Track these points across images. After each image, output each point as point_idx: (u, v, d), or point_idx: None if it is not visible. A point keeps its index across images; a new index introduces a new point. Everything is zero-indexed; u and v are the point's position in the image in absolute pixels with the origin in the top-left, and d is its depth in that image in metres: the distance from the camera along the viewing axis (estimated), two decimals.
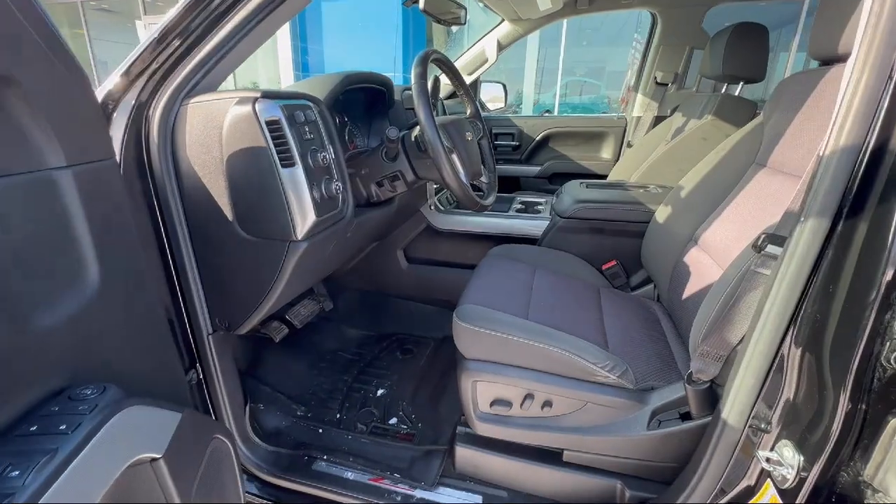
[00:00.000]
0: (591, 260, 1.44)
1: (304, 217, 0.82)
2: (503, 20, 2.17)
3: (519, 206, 1.69)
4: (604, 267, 1.42)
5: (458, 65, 2.33)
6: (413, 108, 0.97)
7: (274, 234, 0.84)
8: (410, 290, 1.71)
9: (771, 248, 0.70)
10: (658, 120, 2.23)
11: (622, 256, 1.43)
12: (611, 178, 2.24)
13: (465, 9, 1.64)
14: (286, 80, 7.90)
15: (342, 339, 1.64)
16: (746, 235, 0.97)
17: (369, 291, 1.76)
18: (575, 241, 1.46)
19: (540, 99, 9.56)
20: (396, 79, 2.46)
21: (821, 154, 0.59)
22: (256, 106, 0.77)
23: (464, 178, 1.07)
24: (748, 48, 1.63)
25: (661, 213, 1.29)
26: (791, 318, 0.63)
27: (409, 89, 1.23)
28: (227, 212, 0.85)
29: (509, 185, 2.59)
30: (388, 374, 1.46)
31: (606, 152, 2.47)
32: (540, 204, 1.70)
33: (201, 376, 1.01)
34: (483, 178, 1.25)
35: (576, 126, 2.48)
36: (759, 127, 1.12)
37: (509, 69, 9.75)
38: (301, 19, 7.79)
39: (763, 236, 0.71)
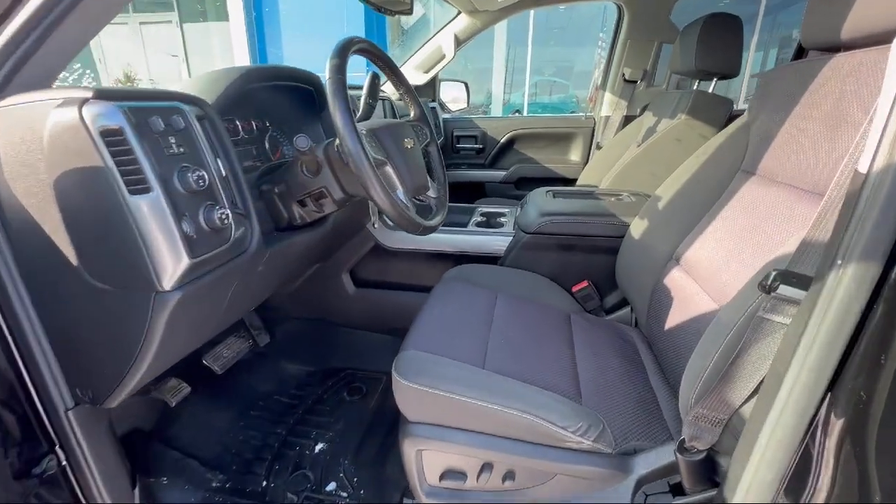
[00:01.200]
0: (560, 280, 1.27)
1: (171, 260, 0.60)
2: (460, 13, 1.98)
3: (480, 218, 1.51)
4: (574, 288, 1.25)
5: (413, 63, 2.14)
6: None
7: (132, 283, 0.62)
8: (359, 317, 1.50)
9: (786, 290, 0.53)
10: (628, 120, 2.09)
11: (594, 276, 1.26)
12: (581, 181, 2.09)
13: None
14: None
15: (280, 378, 1.41)
16: (739, 258, 0.81)
17: (313, 320, 1.54)
18: (541, 260, 1.29)
19: (510, 99, 9.54)
20: (361, 79, 2.25)
21: (864, 170, 0.42)
22: (85, 110, 0.54)
23: (400, 197, 0.87)
24: (721, 41, 1.50)
25: (637, 228, 1.13)
26: (823, 394, 0.46)
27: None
28: (69, 254, 0.62)
29: (474, 191, 2.41)
30: (331, 423, 1.24)
31: (575, 154, 2.32)
32: (503, 216, 1.52)
33: (64, 461, 0.78)
34: (431, 193, 1.06)
35: (542, 127, 2.33)
36: (743, 128, 0.97)
37: (478, 69, 9.72)
38: (258, 17, 7.42)
39: (774, 274, 0.54)
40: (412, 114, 1.10)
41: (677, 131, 1.51)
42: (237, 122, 1.00)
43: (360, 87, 1.22)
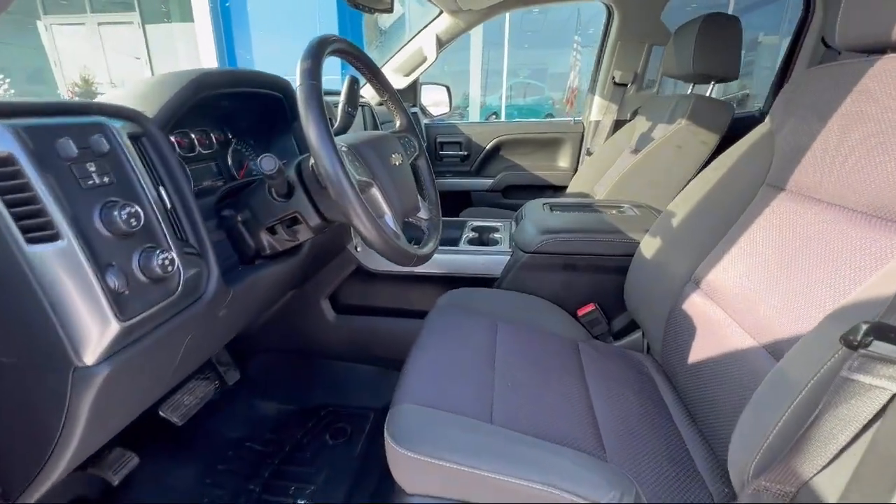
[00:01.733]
0: (564, 303, 1.16)
1: (93, 327, 0.46)
2: (442, 12, 1.86)
3: (471, 234, 1.38)
4: (580, 312, 1.14)
5: (392, 65, 2.00)
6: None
7: (41, 359, 0.47)
8: (341, 347, 1.35)
9: (882, 348, 0.43)
10: (618, 124, 2.01)
11: (601, 298, 1.16)
12: (572, 189, 2.00)
13: None
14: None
15: (252, 421, 1.25)
16: (780, 289, 0.71)
17: (289, 351, 1.38)
18: (543, 281, 1.17)
19: (486, 101, 9.54)
20: (336, 83, 2.10)
21: None
22: None
23: (389, 224, 0.74)
24: (721, 42, 1.43)
25: (649, 246, 1.02)
26: None
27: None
28: None
29: (459, 200, 2.29)
30: (312, 474, 1.09)
31: (564, 161, 2.23)
32: (496, 230, 1.40)
33: None
34: (422, 214, 0.93)
35: (529, 132, 2.22)
36: (765, 138, 0.88)
37: (454, 71, 9.71)
38: (225, 18, 7.13)
39: (865, 327, 0.44)
40: (398, 123, 0.97)
41: (678, 138, 1.43)
42: (192, 136, 0.84)
43: (338, 93, 1.09)
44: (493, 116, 9.48)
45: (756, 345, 0.71)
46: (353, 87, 0.99)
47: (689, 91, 1.68)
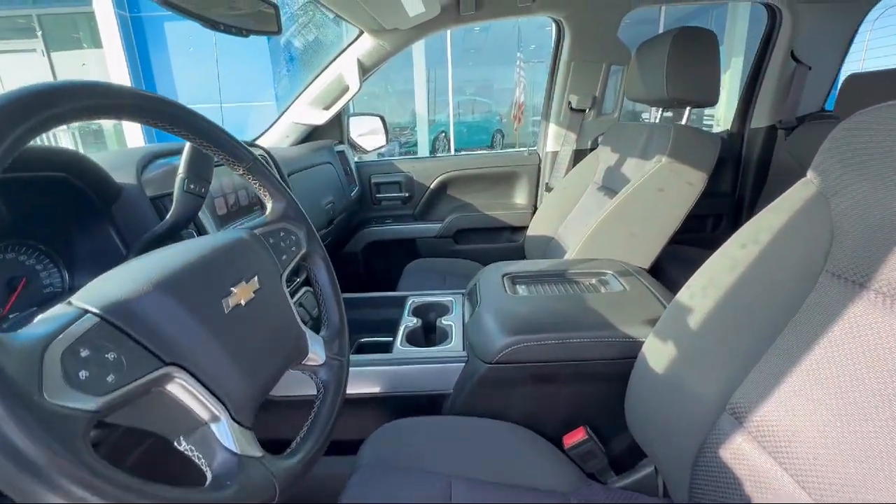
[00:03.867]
0: (543, 428, 0.83)
1: None
2: (362, 33, 1.53)
3: (412, 321, 1.04)
4: (566, 442, 0.81)
5: (306, 98, 1.64)
6: None
7: None
8: None
9: None
10: (578, 154, 1.75)
11: (592, 417, 0.84)
12: (532, 230, 1.70)
13: (276, 7, 0.95)
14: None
15: None
16: (866, 435, 0.41)
17: None
18: (511, 399, 0.84)
19: (435, 119, 9.45)
20: (269, 110, 1.70)
21: None
22: None
23: (217, 442, 0.38)
24: (697, 61, 1.18)
25: (657, 351, 0.72)
26: None
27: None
28: None
29: (403, 250, 1.95)
30: None
31: (521, 197, 1.95)
32: (445, 311, 1.07)
33: None
34: (313, 357, 0.57)
35: (480, 167, 1.92)
36: (817, 204, 0.60)
37: (399, 91, 9.57)
38: (140, 43, 6.48)
39: None
40: (268, 209, 0.61)
41: (659, 179, 1.16)
42: None
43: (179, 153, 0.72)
44: (443, 134, 9.32)
45: None
46: (198, 157, 0.62)
47: (653, 117, 1.44)
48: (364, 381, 0.89)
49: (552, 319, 0.84)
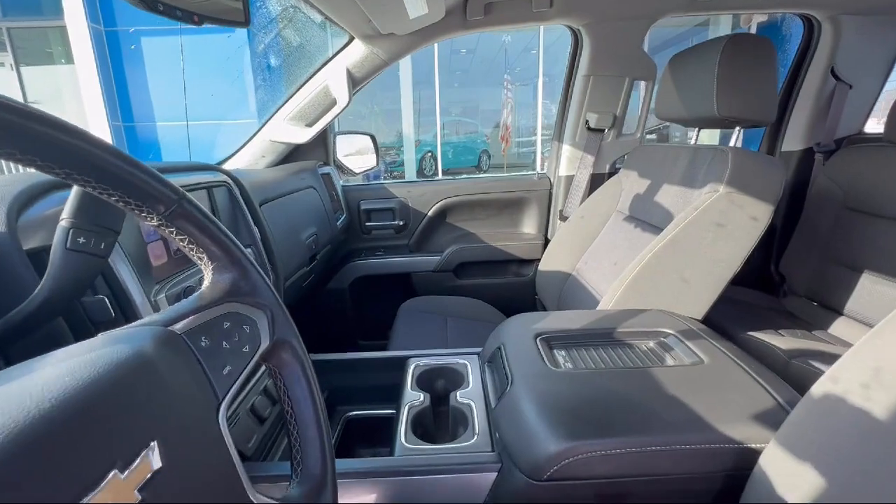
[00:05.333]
0: None
1: None
2: (352, 39, 1.32)
3: (415, 397, 0.79)
4: None
5: (286, 112, 1.41)
6: None
7: None
8: None
9: None
10: (595, 179, 1.56)
11: None
12: (547, 265, 1.48)
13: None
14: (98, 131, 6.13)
15: None
16: None
17: None
18: None
19: (421, 139, 9.40)
20: (251, 128, 1.46)
21: None
22: None
23: None
24: (754, 74, 1.00)
25: (783, 465, 0.49)
26: None
27: None
28: None
29: (398, 286, 1.70)
30: None
31: (530, 226, 1.73)
32: (461, 381, 0.83)
33: None
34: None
35: (483, 192, 1.71)
36: None
37: (385, 110, 9.49)
38: (115, 57, 6.19)
39: None
40: (206, 282, 0.36)
41: (717, 212, 0.95)
42: None
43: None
44: (429, 154, 9.20)
45: None
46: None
47: (695, 138, 1.26)
48: (359, 494, 0.64)
49: (622, 414, 0.61)
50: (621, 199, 1.37)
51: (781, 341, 1.16)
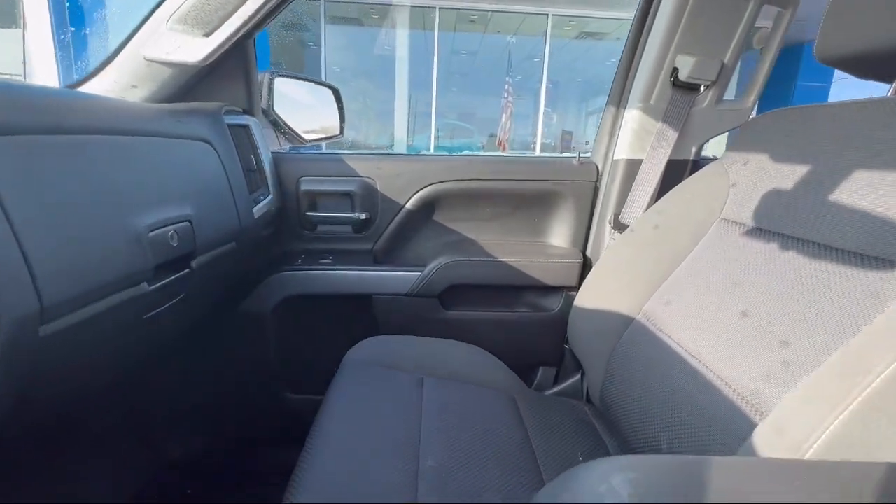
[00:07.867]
0: None
1: None
2: None
3: None
4: None
5: (170, 9, 0.80)
6: None
7: None
8: None
9: None
10: (674, 167, 0.98)
11: None
12: (587, 299, 0.88)
13: None
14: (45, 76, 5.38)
15: None
16: None
17: None
18: None
19: (414, 142, 9.07)
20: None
21: None
22: None
23: None
24: None
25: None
26: None
27: None
28: None
29: (350, 314, 1.09)
30: None
31: (561, 235, 1.14)
32: None
33: None
34: None
35: (493, 178, 1.11)
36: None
37: (379, 111, 9.23)
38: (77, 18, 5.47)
39: None
40: None
41: None
42: None
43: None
44: (428, 155, 8.75)
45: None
46: None
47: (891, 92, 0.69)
48: None
49: None
50: (728, 200, 0.78)
51: None
